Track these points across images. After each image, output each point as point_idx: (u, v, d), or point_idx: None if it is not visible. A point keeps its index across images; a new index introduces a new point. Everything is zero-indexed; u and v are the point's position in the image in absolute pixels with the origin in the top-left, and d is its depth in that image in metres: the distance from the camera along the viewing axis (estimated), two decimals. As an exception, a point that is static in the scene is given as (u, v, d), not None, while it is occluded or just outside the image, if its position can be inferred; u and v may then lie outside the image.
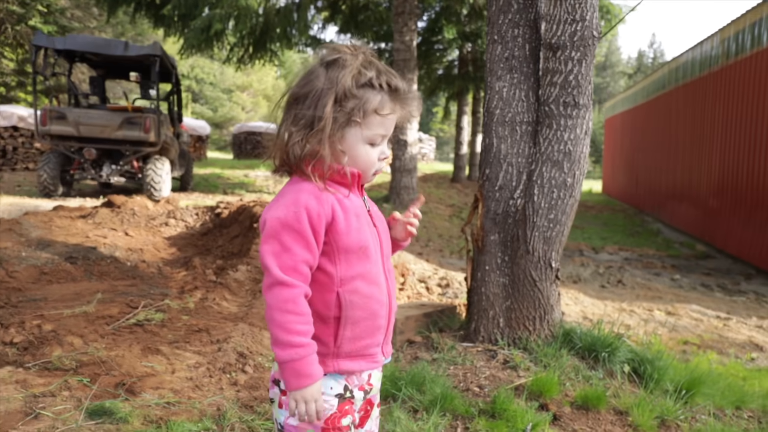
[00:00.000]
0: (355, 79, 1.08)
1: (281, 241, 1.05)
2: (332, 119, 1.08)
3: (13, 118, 12.09)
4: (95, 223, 5.81)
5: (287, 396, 1.11)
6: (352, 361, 1.16)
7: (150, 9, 10.61)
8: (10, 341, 2.61)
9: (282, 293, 1.05)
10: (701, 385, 2.60)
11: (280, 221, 1.05)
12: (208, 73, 35.21)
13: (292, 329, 1.04)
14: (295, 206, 1.06)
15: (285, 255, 1.05)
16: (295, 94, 1.11)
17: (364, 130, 1.11)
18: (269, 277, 1.05)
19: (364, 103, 1.09)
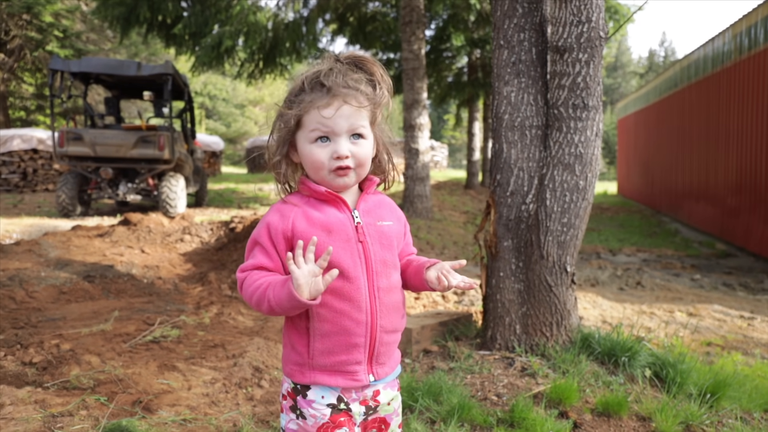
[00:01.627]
0: (313, 74, 1.16)
1: (250, 252, 1.18)
2: (293, 119, 1.16)
3: (32, 141, 12.34)
4: (112, 241, 5.89)
5: (286, 401, 1.20)
6: (328, 376, 1.17)
7: (161, 29, 10.79)
8: (29, 361, 2.64)
9: (241, 286, 1.15)
10: (727, 388, 2.53)
11: (252, 238, 1.18)
12: (220, 89, 35.68)
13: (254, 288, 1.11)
14: (262, 224, 1.17)
15: (248, 261, 1.17)
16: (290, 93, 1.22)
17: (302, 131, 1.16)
18: (237, 281, 1.17)
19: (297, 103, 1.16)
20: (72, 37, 16.86)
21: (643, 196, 16.50)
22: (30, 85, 18.27)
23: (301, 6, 11.03)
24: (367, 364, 1.20)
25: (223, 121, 35.81)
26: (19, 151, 12.32)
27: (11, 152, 12.29)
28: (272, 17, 10.73)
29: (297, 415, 1.18)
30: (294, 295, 1.04)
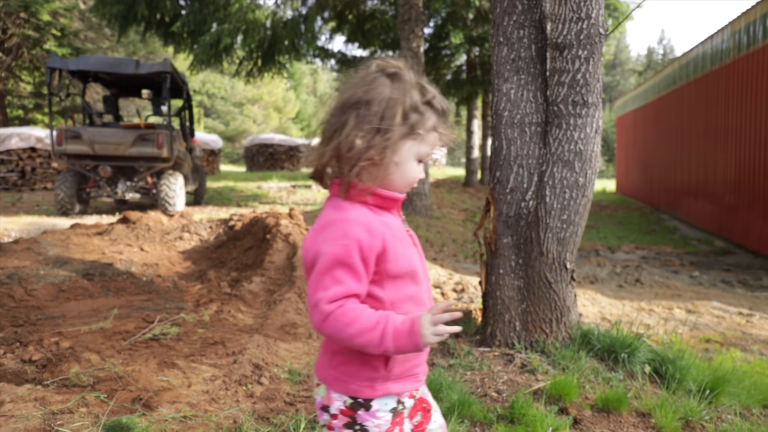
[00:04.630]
0: (422, 95, 1.09)
1: (333, 276, 1.04)
2: (399, 129, 1.07)
3: (31, 140, 12.31)
4: (111, 239, 5.88)
5: (338, 420, 1.14)
6: (399, 384, 1.17)
7: (160, 27, 10.77)
8: (29, 359, 2.64)
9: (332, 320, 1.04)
10: (726, 384, 2.54)
11: (332, 257, 1.04)
12: (219, 87, 35.63)
13: (362, 329, 1.03)
14: (346, 240, 1.04)
15: (335, 287, 1.04)
16: (357, 97, 1.07)
17: (420, 146, 1.11)
18: (320, 313, 1.04)
19: (426, 119, 1.10)
20: (70, 35, 16.81)
21: (642, 193, 16.51)
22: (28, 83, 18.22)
23: (299, 4, 11.02)
24: (424, 363, 1.23)
25: (221, 120, 35.77)
26: (17, 149, 12.30)
27: (9, 151, 12.26)
28: (271, 15, 10.71)
29: (356, 430, 1.14)
30: (420, 347, 1.04)
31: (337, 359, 1.15)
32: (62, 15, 16.78)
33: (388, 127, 1.06)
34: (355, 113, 1.06)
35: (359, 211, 1.08)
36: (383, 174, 1.09)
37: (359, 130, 1.06)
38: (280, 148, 22.77)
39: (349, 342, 1.05)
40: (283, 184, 14.96)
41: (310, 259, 1.07)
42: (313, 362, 2.81)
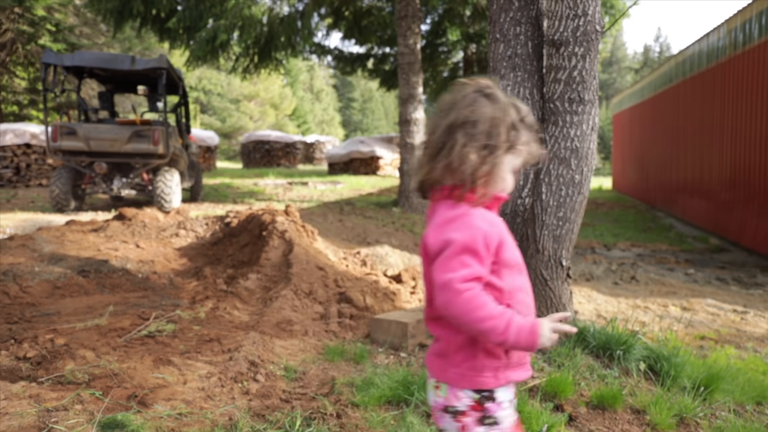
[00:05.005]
0: (517, 113, 1.21)
1: (461, 260, 1.14)
2: (503, 145, 1.19)
3: (25, 136, 12.25)
4: (107, 236, 5.86)
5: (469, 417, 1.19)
6: (516, 372, 1.24)
7: (155, 23, 10.72)
8: (23, 356, 2.63)
9: (463, 298, 1.12)
10: (720, 381, 2.55)
11: (461, 244, 1.14)
12: (215, 84, 35.52)
13: (488, 315, 1.12)
14: (472, 230, 1.16)
15: (464, 270, 1.13)
16: (464, 117, 1.19)
17: (516, 159, 1.23)
18: (450, 291, 1.12)
19: (521, 135, 1.21)
20: (65, 30, 16.72)
21: (638, 191, 16.56)
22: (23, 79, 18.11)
23: (296, 0, 10.98)
24: None
25: (218, 116, 35.67)
26: (12, 145, 12.23)
27: (4, 147, 12.20)
28: (267, 11, 10.68)
29: (490, 424, 1.20)
30: (536, 347, 1.14)
31: (459, 356, 1.21)
32: (57, 10, 16.68)
33: (494, 144, 1.18)
34: (463, 132, 1.18)
35: (477, 209, 1.21)
36: (490, 184, 1.21)
37: (470, 147, 1.18)
38: (276, 145, 22.73)
39: (474, 325, 1.12)
40: (280, 181, 14.94)
41: (437, 247, 1.16)
42: (308, 359, 2.81)
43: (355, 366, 2.75)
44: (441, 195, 1.23)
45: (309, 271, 4.15)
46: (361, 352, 2.85)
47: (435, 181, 1.22)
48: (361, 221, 8.78)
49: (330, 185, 14.05)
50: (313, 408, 2.24)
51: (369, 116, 54.30)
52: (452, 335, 1.22)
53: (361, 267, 5.09)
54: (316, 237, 5.25)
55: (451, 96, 1.24)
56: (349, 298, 3.81)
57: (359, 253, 5.56)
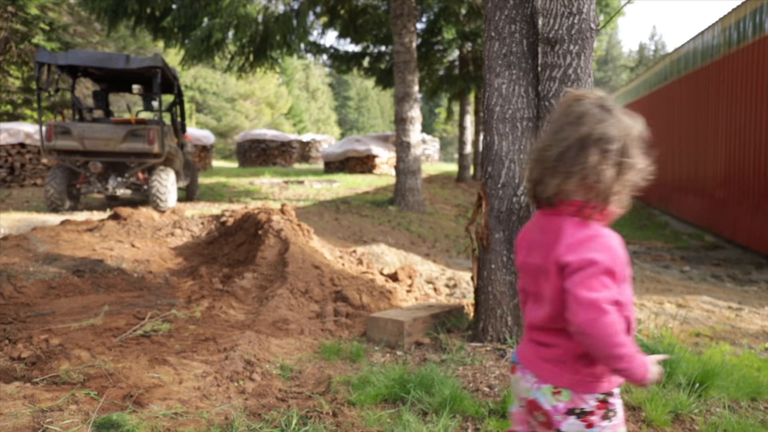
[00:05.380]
0: (639, 130, 1.25)
1: (603, 281, 1.19)
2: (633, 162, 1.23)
3: (19, 135, 12.17)
4: (102, 235, 5.83)
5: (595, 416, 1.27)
6: None
7: (150, 22, 10.67)
8: (18, 356, 2.61)
9: (608, 321, 1.17)
10: (715, 378, 2.56)
11: (603, 266, 1.19)
12: (210, 83, 35.42)
13: (623, 342, 1.18)
14: (611, 252, 1.21)
15: (606, 291, 1.18)
16: (598, 134, 1.21)
17: (636, 176, 1.26)
18: (598, 310, 1.17)
19: (641, 153, 1.26)
20: (59, 29, 16.62)
21: (633, 189, 16.58)
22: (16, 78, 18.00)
23: (291, -2, 10.96)
24: None
25: (213, 115, 35.58)
26: (6, 145, 12.16)
27: (-2, 146, 12.13)
28: (262, 10, 10.65)
29: (611, 417, 1.29)
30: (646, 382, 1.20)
31: (579, 364, 1.27)
32: (51, 9, 16.59)
33: (626, 162, 1.22)
34: (597, 149, 1.20)
35: (604, 228, 1.25)
36: (617, 200, 1.25)
37: (606, 164, 1.20)
38: (272, 144, 22.69)
39: (609, 348, 1.17)
40: (276, 180, 14.92)
41: (577, 265, 1.20)
42: (304, 358, 2.81)
43: (352, 364, 2.75)
44: (568, 210, 1.25)
45: (305, 270, 4.15)
46: (357, 350, 2.84)
47: (565, 196, 1.24)
48: (357, 220, 8.78)
49: (326, 184, 14.03)
50: (309, 407, 2.24)
51: (365, 115, 54.26)
52: (570, 344, 1.27)
53: (357, 265, 5.08)
54: (312, 236, 5.24)
55: (572, 109, 1.25)
56: (345, 297, 3.81)
57: (355, 251, 5.55)
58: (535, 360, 1.32)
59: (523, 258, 1.36)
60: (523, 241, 1.37)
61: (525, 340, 1.39)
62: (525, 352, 1.36)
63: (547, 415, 1.29)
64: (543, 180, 1.26)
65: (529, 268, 1.33)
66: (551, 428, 1.30)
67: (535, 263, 1.30)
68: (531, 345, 1.35)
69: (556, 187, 1.23)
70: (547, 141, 1.27)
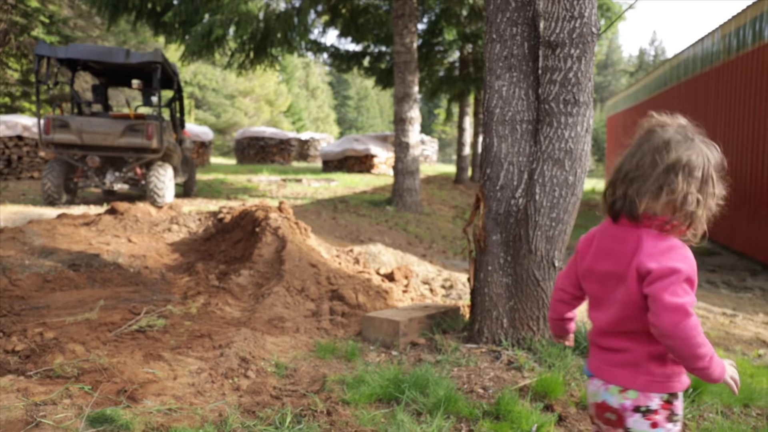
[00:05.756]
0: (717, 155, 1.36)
1: (685, 288, 1.29)
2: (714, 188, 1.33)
3: (17, 128, 12.13)
4: (98, 230, 5.82)
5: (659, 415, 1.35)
6: (686, 377, 1.40)
7: (151, 17, 10.65)
8: (12, 349, 2.61)
9: (691, 323, 1.27)
10: (708, 383, 2.57)
11: (685, 274, 1.29)
12: (210, 79, 35.35)
13: (704, 343, 1.28)
14: (690, 262, 1.31)
15: (688, 297, 1.29)
16: (684, 161, 1.31)
17: (714, 200, 1.34)
18: (684, 314, 1.27)
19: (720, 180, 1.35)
20: (59, 22, 16.57)
21: (631, 193, 16.62)
22: (15, 71, 17.94)
23: (293, -4, 10.94)
24: None
25: (212, 112, 35.52)
26: (3, 137, 12.11)
27: (-5, 139, 12.08)
28: (264, 7, 10.63)
29: (674, 420, 1.37)
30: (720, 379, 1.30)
31: (652, 366, 1.36)
32: (51, 2, 16.54)
33: (709, 188, 1.32)
34: (683, 174, 1.31)
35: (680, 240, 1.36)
36: (699, 221, 1.34)
37: (691, 190, 1.31)
38: (271, 142, 22.66)
39: (693, 348, 1.27)
40: (274, 178, 14.90)
41: (661, 273, 1.29)
42: (299, 356, 2.81)
43: (347, 363, 2.75)
44: (650, 224, 1.34)
45: (301, 268, 4.15)
46: (352, 349, 2.85)
47: (651, 212, 1.33)
48: (354, 219, 8.78)
49: (324, 183, 14.02)
50: (304, 405, 2.24)
51: (364, 114, 54.25)
52: (641, 347, 1.36)
53: (354, 265, 5.08)
54: (310, 234, 5.24)
55: (657, 136, 1.36)
56: (342, 296, 3.81)
57: (352, 250, 5.55)
58: (604, 367, 1.41)
59: (589, 264, 1.44)
60: (589, 247, 1.45)
61: (593, 350, 1.47)
62: (594, 361, 1.45)
63: (616, 413, 1.38)
64: (627, 197, 1.34)
65: (596, 274, 1.42)
66: (621, 426, 1.38)
67: (604, 269, 1.39)
68: (599, 352, 1.43)
69: (643, 204, 1.33)
70: (632, 164, 1.36)
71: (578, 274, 1.49)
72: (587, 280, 1.45)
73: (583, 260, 1.46)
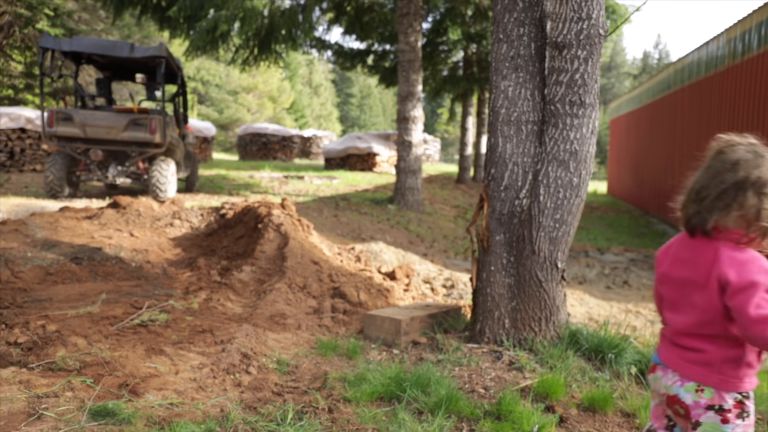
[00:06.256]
0: None
1: (765, 298, 1.36)
2: None
3: (20, 120, 12.13)
4: (101, 223, 5.82)
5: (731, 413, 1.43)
6: (756, 378, 1.48)
7: (156, 11, 10.65)
8: (14, 341, 2.61)
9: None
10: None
11: (764, 284, 1.37)
12: (213, 75, 35.32)
13: None
14: (766, 273, 1.38)
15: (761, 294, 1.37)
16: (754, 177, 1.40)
17: None
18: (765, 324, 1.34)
19: None
20: (63, 15, 16.57)
21: (633, 196, 16.62)
22: (19, 63, 17.93)
23: (298, -7, 10.93)
24: None
25: (215, 107, 35.50)
26: (6, 129, 12.12)
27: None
28: (269, 3, 10.62)
29: (745, 417, 1.45)
30: None
31: (726, 367, 1.45)
32: (56, -6, 16.52)
33: None
34: (754, 191, 1.39)
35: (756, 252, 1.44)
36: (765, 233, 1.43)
37: (763, 204, 1.39)
38: (273, 138, 22.64)
39: None
40: (276, 174, 14.90)
41: (742, 285, 1.37)
42: (300, 353, 2.81)
43: (348, 361, 2.75)
44: (725, 237, 1.42)
45: (304, 265, 4.15)
46: (353, 347, 2.85)
47: (723, 227, 1.42)
48: (356, 217, 8.77)
49: (326, 180, 14.02)
50: (305, 402, 2.24)
51: (367, 112, 54.22)
52: (718, 351, 1.44)
53: (356, 263, 5.08)
54: (312, 231, 5.24)
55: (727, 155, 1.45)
56: (343, 294, 3.81)
57: (354, 248, 5.55)
58: (679, 362, 1.51)
59: (665, 270, 1.54)
60: (666, 255, 1.56)
61: (666, 343, 1.56)
62: (668, 354, 1.54)
63: (687, 408, 1.47)
64: (700, 215, 1.44)
65: (673, 280, 1.52)
66: (690, 420, 1.48)
67: (681, 276, 1.49)
68: (675, 348, 1.52)
69: (714, 221, 1.42)
70: (703, 182, 1.46)
71: (656, 279, 1.61)
72: (664, 285, 1.56)
73: (660, 266, 1.57)
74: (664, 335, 1.58)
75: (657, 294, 1.62)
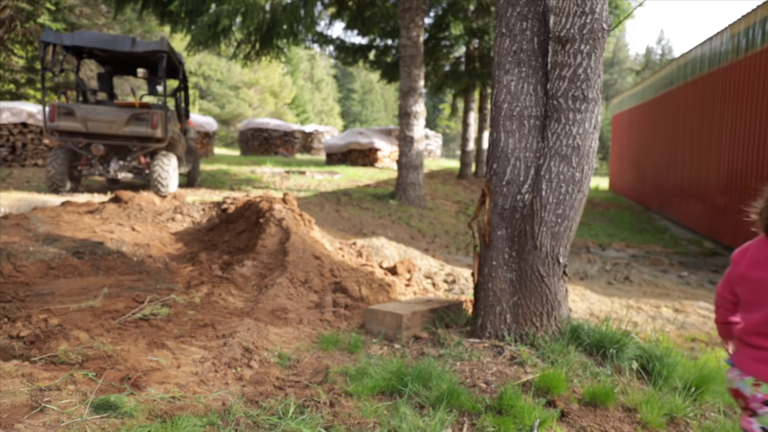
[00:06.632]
0: None
1: None
2: None
3: (22, 115, 12.13)
4: (102, 218, 5.83)
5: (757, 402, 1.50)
6: None
7: (157, 5, 10.62)
8: (16, 335, 2.62)
9: None
10: (710, 383, 2.57)
11: None
12: (215, 69, 35.28)
13: None
14: None
15: None
16: None
17: None
18: None
19: None
20: (65, 9, 16.54)
21: (634, 192, 16.60)
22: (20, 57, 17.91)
23: (300, -12, 10.89)
24: None
25: (217, 102, 35.47)
26: (8, 124, 12.11)
27: (0, 125, 12.09)
28: (270, -2, 10.59)
29: None
30: None
31: None
32: (57, -11, 16.48)
33: None
34: None
35: None
36: None
37: None
38: (275, 133, 22.63)
39: None
40: (277, 170, 14.89)
41: None
42: (302, 347, 2.81)
43: (349, 356, 2.75)
44: None
45: (305, 260, 4.15)
46: (355, 342, 2.85)
47: None
48: (357, 212, 8.78)
49: (327, 175, 14.02)
50: (307, 396, 2.25)
51: (368, 108, 54.14)
52: None
53: (357, 258, 5.09)
54: (313, 226, 5.24)
55: None
56: (345, 288, 3.81)
57: (355, 243, 5.55)
58: (746, 360, 1.58)
59: (743, 271, 1.60)
60: (744, 257, 1.62)
61: (739, 346, 1.64)
62: (738, 356, 1.62)
63: (746, 400, 1.54)
64: None
65: (750, 280, 1.57)
66: (747, 412, 1.55)
67: (758, 277, 1.55)
68: (745, 348, 1.59)
69: None
70: None
71: (732, 280, 1.65)
72: (741, 286, 1.61)
73: (737, 268, 1.63)
74: (739, 339, 1.64)
75: (725, 295, 1.68)
